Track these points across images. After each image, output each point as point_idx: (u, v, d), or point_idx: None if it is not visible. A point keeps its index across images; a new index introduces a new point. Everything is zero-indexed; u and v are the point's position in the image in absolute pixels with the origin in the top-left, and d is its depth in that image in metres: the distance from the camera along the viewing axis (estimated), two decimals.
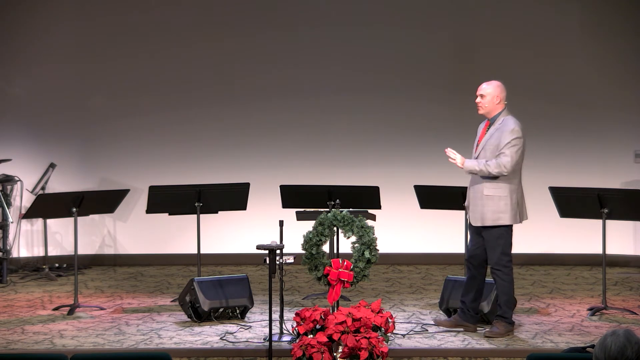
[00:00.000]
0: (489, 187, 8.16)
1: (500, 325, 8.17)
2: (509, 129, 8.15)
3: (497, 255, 8.14)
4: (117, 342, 8.07)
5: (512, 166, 8.09)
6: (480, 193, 8.19)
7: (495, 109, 8.29)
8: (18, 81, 11.67)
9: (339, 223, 8.07)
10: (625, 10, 11.45)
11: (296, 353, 7.35)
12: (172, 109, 11.71)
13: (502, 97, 8.31)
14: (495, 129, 8.24)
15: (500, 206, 8.13)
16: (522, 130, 8.22)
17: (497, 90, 8.31)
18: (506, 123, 8.20)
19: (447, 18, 11.60)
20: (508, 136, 8.12)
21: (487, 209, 8.16)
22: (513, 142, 8.11)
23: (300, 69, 11.65)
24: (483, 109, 8.33)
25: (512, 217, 8.16)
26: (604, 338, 4.43)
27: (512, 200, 8.15)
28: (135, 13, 11.67)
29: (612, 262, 10.65)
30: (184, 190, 9.53)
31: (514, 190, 8.18)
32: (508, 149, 8.09)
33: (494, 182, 8.14)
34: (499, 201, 8.13)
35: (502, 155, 8.09)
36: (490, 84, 8.36)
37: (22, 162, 11.34)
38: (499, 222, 8.13)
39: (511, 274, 8.20)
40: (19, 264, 11.33)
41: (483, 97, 8.32)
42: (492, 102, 8.29)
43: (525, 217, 8.36)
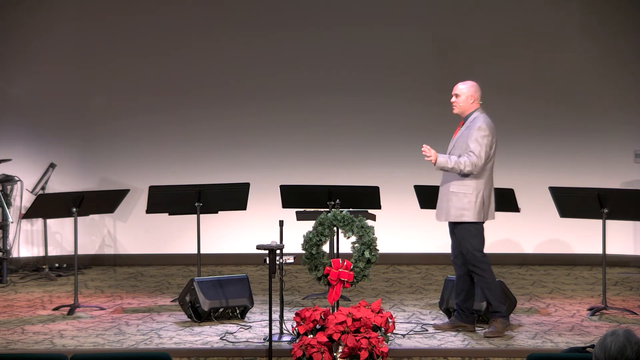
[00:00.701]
0: (456, 183, 8.24)
1: (497, 323, 8.20)
2: (477, 127, 8.23)
3: (470, 252, 8.21)
4: (117, 342, 8.07)
5: (481, 164, 8.18)
6: (447, 189, 8.28)
7: (469, 109, 8.36)
8: (18, 81, 11.68)
9: (339, 223, 8.07)
10: (625, 10, 11.45)
11: (296, 353, 7.35)
12: (172, 109, 11.71)
13: (476, 97, 8.37)
14: (465, 127, 8.32)
15: (464, 203, 8.21)
16: (490, 128, 8.28)
17: (471, 90, 8.37)
18: (475, 121, 8.28)
19: (447, 19, 11.60)
20: (475, 134, 8.20)
21: (451, 204, 8.25)
22: (480, 141, 8.18)
23: (300, 69, 11.65)
24: (457, 109, 8.40)
25: (475, 214, 8.22)
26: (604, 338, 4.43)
27: (478, 198, 8.21)
28: (135, 13, 11.67)
29: (612, 262, 10.65)
30: (184, 190, 9.53)
31: (481, 188, 8.24)
32: (476, 148, 8.17)
33: (460, 180, 8.22)
34: (464, 198, 8.20)
35: (469, 153, 8.17)
36: (465, 84, 8.42)
37: (22, 162, 11.34)
38: (462, 219, 8.20)
39: (488, 268, 8.23)
40: (19, 264, 11.33)
41: (458, 96, 8.39)
42: (467, 101, 8.35)
43: (492, 217, 8.42)
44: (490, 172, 8.34)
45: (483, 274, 8.21)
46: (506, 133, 11.60)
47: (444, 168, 8.24)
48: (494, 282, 8.27)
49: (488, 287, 8.23)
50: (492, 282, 8.25)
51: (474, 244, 8.21)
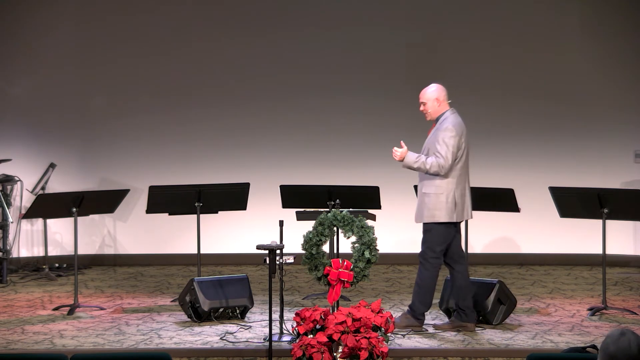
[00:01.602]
0: (427, 184, 8.30)
1: (404, 317, 8.33)
2: (443, 128, 8.28)
3: (423, 247, 8.31)
4: (117, 342, 8.06)
5: (448, 166, 8.22)
6: (420, 191, 8.36)
7: (438, 111, 8.42)
8: (18, 81, 11.68)
9: (339, 223, 8.07)
10: (625, 10, 11.46)
11: (296, 353, 7.35)
12: (172, 109, 11.71)
13: (442, 98, 8.42)
14: (435, 129, 8.39)
15: (435, 204, 8.26)
16: (458, 128, 8.31)
17: (435, 94, 8.42)
18: (443, 122, 8.33)
19: (447, 19, 11.60)
20: (442, 135, 8.25)
21: (424, 206, 8.32)
22: (448, 142, 8.22)
23: (300, 70, 11.65)
24: (429, 115, 8.47)
25: (446, 215, 8.26)
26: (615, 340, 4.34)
27: (449, 198, 8.26)
28: (136, 14, 11.68)
29: (612, 262, 10.65)
30: (184, 190, 9.53)
31: (452, 188, 8.28)
32: (442, 149, 8.22)
33: (431, 180, 8.27)
34: (435, 199, 8.26)
35: (437, 155, 8.21)
36: (429, 89, 8.47)
37: (22, 162, 11.34)
38: (433, 220, 8.26)
39: (432, 270, 8.28)
40: (19, 264, 11.33)
41: (424, 104, 8.45)
42: (434, 106, 8.41)
43: (468, 217, 8.46)
44: (462, 172, 8.38)
45: (423, 272, 8.31)
46: (506, 133, 11.63)
47: (410, 167, 8.32)
48: (428, 284, 8.33)
49: (420, 284, 8.34)
50: (427, 282, 8.32)
51: (431, 242, 8.29)
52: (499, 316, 8.55)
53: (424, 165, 8.22)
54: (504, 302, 8.58)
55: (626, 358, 4.30)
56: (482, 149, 11.60)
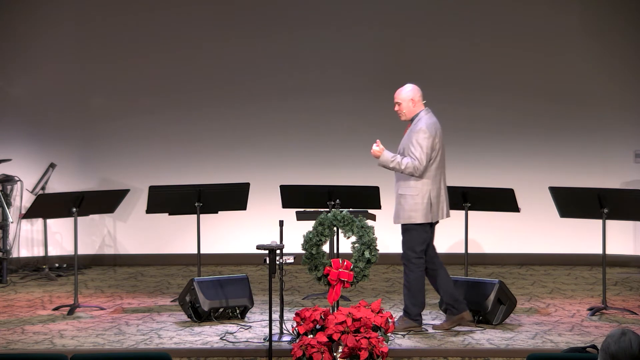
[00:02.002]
0: (402, 186, 8.33)
1: (402, 321, 8.34)
2: (417, 129, 8.30)
3: (404, 249, 8.32)
4: (117, 342, 8.06)
5: (423, 167, 8.24)
6: (396, 192, 8.38)
7: (413, 112, 8.45)
8: (18, 81, 11.68)
9: (339, 223, 8.07)
10: (625, 10, 11.46)
11: (296, 353, 7.35)
12: (172, 109, 11.71)
13: (416, 99, 8.44)
14: (410, 130, 8.41)
15: (411, 205, 8.28)
16: (432, 129, 8.31)
17: (410, 94, 8.44)
18: (418, 123, 8.35)
19: (447, 19, 11.60)
20: (415, 136, 8.28)
21: (399, 207, 8.34)
22: (422, 143, 8.24)
23: (300, 70, 11.65)
24: (403, 116, 8.49)
25: (423, 215, 8.28)
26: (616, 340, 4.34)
27: (424, 199, 8.28)
28: (136, 13, 11.67)
29: (612, 262, 10.65)
30: (184, 190, 9.53)
31: (427, 189, 8.30)
32: (417, 150, 8.23)
33: (406, 181, 8.30)
34: (411, 200, 8.29)
35: (412, 157, 8.23)
36: (404, 90, 8.49)
37: (22, 162, 11.34)
38: (410, 221, 8.28)
39: (417, 271, 8.31)
40: (19, 264, 11.33)
41: (399, 104, 8.48)
42: (409, 106, 8.43)
43: (446, 216, 8.49)
44: (438, 172, 8.38)
45: (409, 274, 8.33)
46: (506, 133, 11.63)
47: (386, 166, 8.34)
48: (416, 285, 8.34)
49: (408, 286, 8.35)
50: (415, 283, 8.33)
51: (411, 242, 8.31)
52: (499, 316, 8.55)
53: (399, 166, 8.25)
54: (504, 302, 8.58)
55: (627, 358, 4.30)
56: (482, 148, 11.61)
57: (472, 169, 11.49)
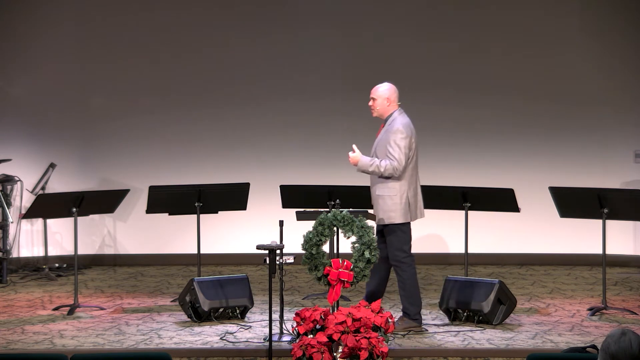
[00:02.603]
0: (380, 187, 8.39)
1: (401, 321, 8.36)
2: (394, 129, 8.36)
3: (392, 251, 8.35)
4: (117, 342, 8.07)
5: (402, 167, 8.31)
6: (374, 193, 8.43)
7: (387, 111, 8.51)
8: (18, 81, 11.68)
9: (339, 223, 8.06)
10: (625, 10, 11.46)
11: (296, 353, 7.35)
12: (172, 109, 11.71)
13: (392, 99, 8.52)
14: (384, 130, 8.46)
15: (390, 205, 8.34)
16: (408, 129, 8.39)
17: (387, 93, 8.52)
18: (393, 124, 8.41)
19: (448, 20, 11.59)
20: (393, 137, 8.33)
21: (379, 208, 8.39)
22: (398, 143, 8.31)
23: (300, 70, 11.65)
24: (375, 112, 8.56)
25: (402, 215, 8.35)
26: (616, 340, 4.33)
27: (402, 199, 8.35)
28: (136, 14, 11.67)
29: (612, 262, 10.65)
30: (184, 190, 9.53)
31: (405, 189, 8.37)
32: (395, 151, 8.30)
33: (384, 182, 8.36)
34: (389, 200, 8.34)
35: (391, 157, 8.29)
36: (381, 87, 8.57)
37: (22, 162, 11.34)
38: (390, 221, 8.33)
39: (409, 270, 8.35)
40: (19, 264, 11.33)
41: (374, 100, 8.54)
42: (383, 104, 8.51)
43: (421, 216, 8.56)
44: (413, 172, 8.47)
45: (402, 274, 8.37)
46: (506, 133, 11.63)
47: (364, 171, 8.42)
48: (411, 283, 8.38)
49: (403, 287, 8.39)
50: (409, 282, 8.37)
51: (398, 243, 8.34)
52: (499, 316, 8.55)
53: (378, 169, 8.32)
54: (504, 302, 8.58)
55: (627, 358, 4.30)
56: (482, 148, 11.61)
57: (472, 169, 11.49)
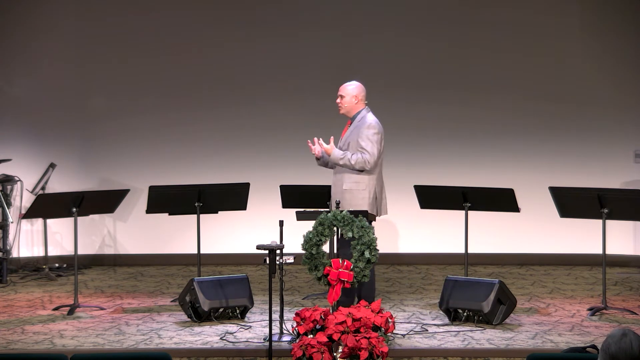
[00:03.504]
0: (348, 181, 8.50)
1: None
2: (367, 125, 8.52)
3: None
4: (117, 342, 8.07)
5: (374, 161, 8.46)
6: (340, 187, 8.52)
7: (354, 109, 8.67)
8: (18, 81, 11.68)
9: (339, 223, 8.07)
10: (625, 10, 11.46)
11: (296, 353, 7.35)
12: (172, 109, 11.72)
13: (360, 97, 8.68)
14: (354, 126, 8.58)
15: (359, 200, 8.45)
16: (379, 126, 8.58)
17: (355, 91, 8.68)
18: (364, 120, 8.56)
19: (448, 21, 11.59)
20: (366, 131, 8.48)
21: (346, 202, 8.46)
22: (372, 138, 8.46)
23: (300, 70, 11.65)
24: (343, 109, 8.70)
25: (370, 209, 8.45)
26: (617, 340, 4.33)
27: (370, 194, 8.48)
28: (136, 13, 11.68)
29: (612, 262, 10.65)
30: (184, 190, 9.53)
31: (373, 184, 8.50)
32: (368, 145, 8.45)
33: (352, 176, 8.48)
34: (358, 194, 8.47)
35: (364, 151, 8.44)
36: (350, 85, 8.73)
37: (22, 162, 11.35)
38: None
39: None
40: (19, 264, 11.34)
41: (342, 97, 8.70)
42: (351, 102, 8.66)
43: (385, 212, 8.69)
44: (380, 169, 8.63)
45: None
46: (506, 133, 11.63)
47: (336, 162, 8.51)
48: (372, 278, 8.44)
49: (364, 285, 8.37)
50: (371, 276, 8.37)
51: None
52: (499, 316, 8.55)
53: (349, 162, 8.45)
54: (504, 302, 8.58)
55: (627, 359, 4.30)
56: (482, 148, 11.61)
57: (472, 169, 11.49)
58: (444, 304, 8.77)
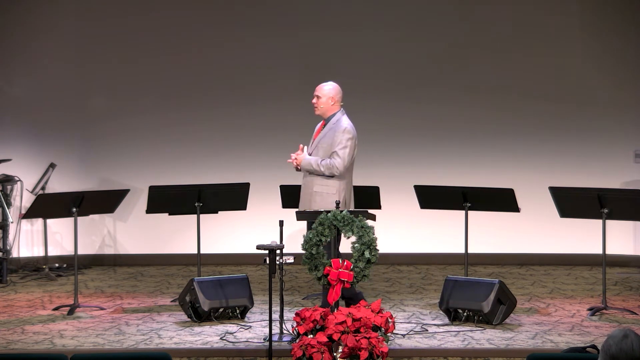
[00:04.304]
0: (319, 184, 8.52)
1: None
2: (341, 129, 8.52)
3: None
4: (117, 342, 8.07)
5: (344, 167, 8.49)
6: (310, 189, 8.53)
7: (330, 110, 8.68)
8: (18, 81, 11.68)
9: (339, 223, 8.07)
10: (625, 10, 11.46)
11: (296, 353, 7.35)
12: (172, 109, 11.71)
13: (337, 99, 8.70)
14: (328, 129, 8.58)
15: (328, 203, 8.43)
16: (353, 130, 8.59)
17: (332, 92, 8.69)
18: (339, 123, 8.56)
19: (447, 20, 11.59)
20: (340, 136, 8.49)
21: (314, 205, 8.48)
22: (345, 143, 8.48)
23: (300, 70, 11.65)
24: (319, 110, 8.70)
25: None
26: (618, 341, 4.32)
27: (340, 197, 8.48)
28: (136, 13, 11.67)
29: (612, 262, 10.65)
30: (184, 190, 9.53)
31: (343, 188, 8.53)
32: (340, 150, 8.47)
33: (323, 179, 8.50)
34: (328, 198, 8.48)
35: (335, 156, 8.46)
36: (326, 85, 8.73)
37: (22, 162, 11.34)
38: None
39: None
40: (19, 264, 11.34)
41: (319, 98, 8.69)
42: (327, 103, 8.67)
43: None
44: (351, 172, 8.66)
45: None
46: (506, 133, 11.63)
47: (308, 170, 8.55)
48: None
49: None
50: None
51: None
52: (499, 316, 8.55)
53: (320, 167, 8.50)
54: (504, 302, 8.58)
55: (628, 358, 4.30)
56: (482, 148, 11.61)
57: (472, 169, 11.49)
58: (444, 304, 8.77)
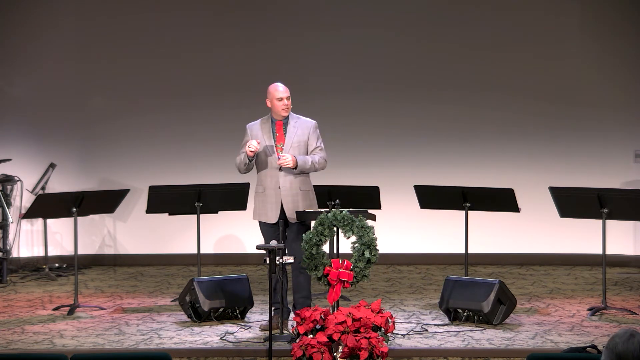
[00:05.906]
0: (304, 182, 8.55)
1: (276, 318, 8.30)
2: (313, 125, 8.61)
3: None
4: (117, 342, 8.07)
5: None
6: (297, 189, 8.49)
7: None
8: (18, 81, 11.68)
9: (339, 223, 8.07)
10: (625, 10, 11.46)
11: (296, 353, 7.35)
12: (172, 109, 11.71)
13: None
14: (296, 127, 8.57)
15: (311, 200, 8.57)
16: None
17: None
18: (304, 120, 8.62)
19: (447, 20, 11.59)
20: (316, 131, 8.59)
21: (300, 204, 8.48)
22: (320, 138, 8.60)
23: (300, 71, 11.64)
24: (288, 111, 8.69)
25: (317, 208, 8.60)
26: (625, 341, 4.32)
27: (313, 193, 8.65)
28: (136, 14, 11.67)
29: (612, 262, 10.65)
30: (184, 190, 9.54)
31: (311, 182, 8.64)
32: (321, 144, 8.58)
33: (305, 178, 8.55)
34: (310, 194, 8.59)
35: (319, 151, 8.54)
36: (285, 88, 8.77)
37: (22, 162, 11.34)
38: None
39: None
40: (19, 264, 11.34)
41: (289, 99, 8.70)
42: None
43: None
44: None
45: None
46: (506, 133, 11.63)
47: (305, 169, 8.51)
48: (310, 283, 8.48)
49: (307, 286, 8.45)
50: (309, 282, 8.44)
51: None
52: (499, 316, 8.55)
53: (314, 165, 8.51)
54: (504, 302, 8.58)
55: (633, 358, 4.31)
56: (482, 148, 11.61)
57: (472, 169, 11.49)
58: (444, 304, 8.77)
